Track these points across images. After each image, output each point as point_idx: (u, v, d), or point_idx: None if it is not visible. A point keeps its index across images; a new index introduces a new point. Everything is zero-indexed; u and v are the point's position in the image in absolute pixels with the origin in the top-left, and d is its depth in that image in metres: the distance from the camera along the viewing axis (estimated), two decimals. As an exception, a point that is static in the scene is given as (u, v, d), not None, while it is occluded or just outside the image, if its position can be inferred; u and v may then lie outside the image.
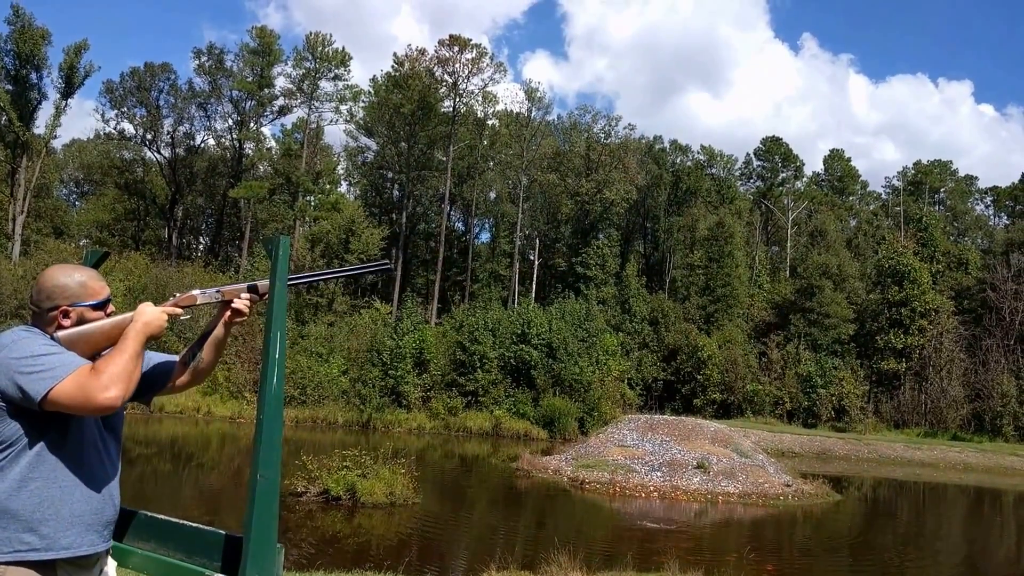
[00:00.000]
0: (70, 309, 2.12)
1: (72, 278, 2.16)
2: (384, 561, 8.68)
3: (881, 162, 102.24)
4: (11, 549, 1.91)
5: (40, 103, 42.43)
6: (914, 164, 68.24)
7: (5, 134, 41.44)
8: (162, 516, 2.39)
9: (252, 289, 2.39)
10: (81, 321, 2.14)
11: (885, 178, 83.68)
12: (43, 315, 2.13)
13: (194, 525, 2.29)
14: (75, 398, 1.89)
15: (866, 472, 33.07)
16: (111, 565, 2.23)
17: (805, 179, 66.07)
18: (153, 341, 2.14)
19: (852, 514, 21.67)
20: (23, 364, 1.91)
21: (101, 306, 2.18)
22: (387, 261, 2.47)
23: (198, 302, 2.35)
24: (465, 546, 13.19)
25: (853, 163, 69.29)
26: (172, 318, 2.24)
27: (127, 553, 2.31)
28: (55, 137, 44.58)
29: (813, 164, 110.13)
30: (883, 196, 69.71)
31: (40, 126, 42.75)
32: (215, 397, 30.74)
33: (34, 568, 1.93)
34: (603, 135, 54.95)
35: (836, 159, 68.34)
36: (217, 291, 2.35)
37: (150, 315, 2.15)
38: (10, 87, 40.80)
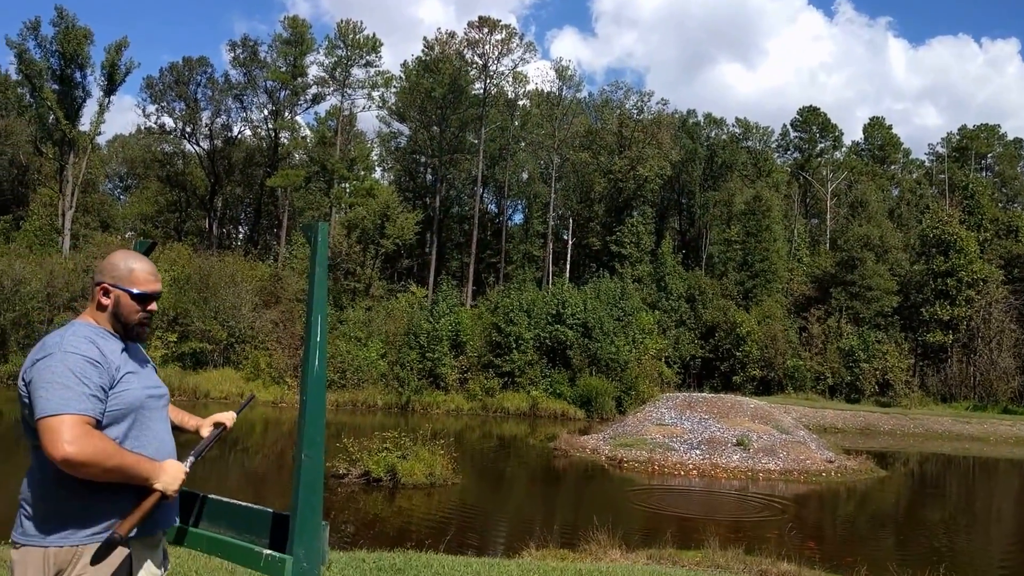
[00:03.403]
0: (110, 288, 2.18)
1: (125, 262, 2.22)
2: (425, 540, 8.86)
3: (923, 128, 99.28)
4: (91, 532, 2.04)
5: (84, 101, 43.55)
6: (959, 129, 66.00)
7: (53, 132, 42.63)
8: (212, 496, 2.50)
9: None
10: (117, 304, 2.17)
11: (928, 145, 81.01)
12: (92, 288, 2.22)
13: (243, 504, 2.39)
14: (55, 433, 1.93)
15: (912, 447, 32.48)
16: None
17: (844, 149, 64.37)
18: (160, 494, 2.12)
19: (898, 490, 21.34)
20: (51, 375, 2.00)
21: (141, 299, 2.20)
22: (252, 394, 2.59)
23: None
24: (504, 525, 13.36)
25: (894, 130, 67.30)
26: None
27: (179, 532, 2.42)
28: (99, 133, 45.86)
29: (852, 133, 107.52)
30: (927, 163, 67.65)
31: (85, 123, 43.93)
32: (257, 383, 31.43)
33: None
34: (635, 111, 54.24)
35: (876, 127, 66.41)
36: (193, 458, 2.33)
37: (172, 468, 2.14)
38: (56, 86, 41.90)
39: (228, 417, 2.53)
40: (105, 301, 2.18)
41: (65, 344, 2.05)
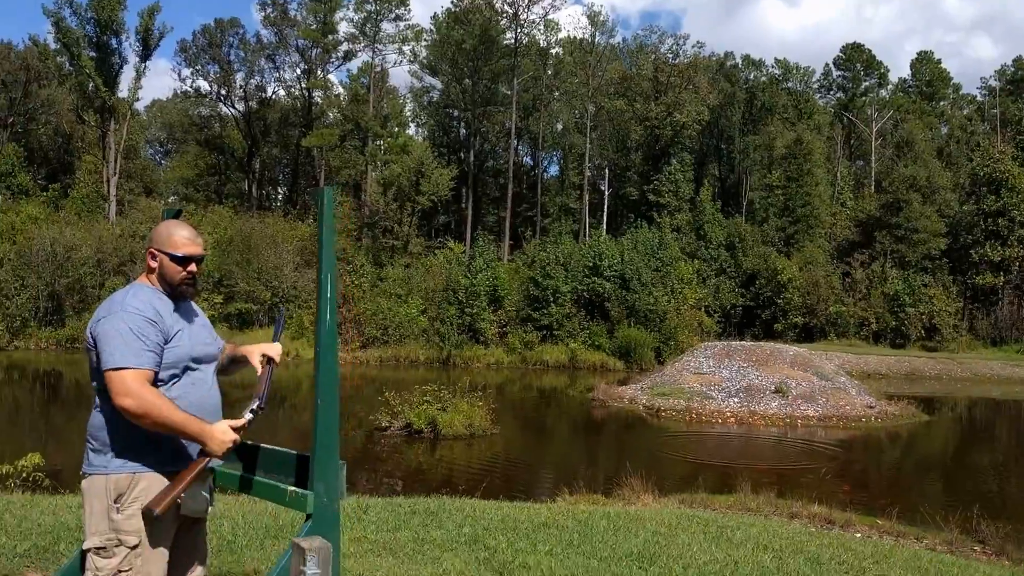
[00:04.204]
0: (156, 252, 2.45)
1: (167, 228, 2.49)
2: (460, 486, 9.21)
3: (976, 61, 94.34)
4: (145, 463, 2.33)
5: (121, 67, 44.16)
6: (1014, 60, 62.67)
7: (93, 100, 43.47)
8: (243, 440, 2.71)
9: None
10: (162, 266, 2.44)
11: (981, 79, 77.09)
12: (145, 253, 2.53)
13: (270, 447, 2.61)
14: (118, 385, 2.23)
15: (959, 392, 32.00)
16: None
17: (890, 87, 61.91)
18: (209, 456, 2.32)
19: (945, 435, 21.16)
20: (113, 332, 2.28)
21: (182, 261, 2.44)
22: (281, 312, 2.71)
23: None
24: (541, 473, 13.72)
25: (944, 65, 64.27)
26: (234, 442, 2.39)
27: (216, 473, 2.64)
28: (138, 99, 46.51)
29: (899, 70, 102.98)
30: (979, 98, 64.68)
31: (123, 90, 44.60)
32: (302, 341, 32.26)
33: (158, 476, 2.35)
34: (671, 55, 52.90)
35: (924, 62, 63.52)
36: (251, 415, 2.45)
37: (220, 432, 2.33)
38: (93, 54, 42.52)
39: (275, 351, 2.63)
40: (152, 264, 2.45)
41: (126, 304, 2.34)
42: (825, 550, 5.57)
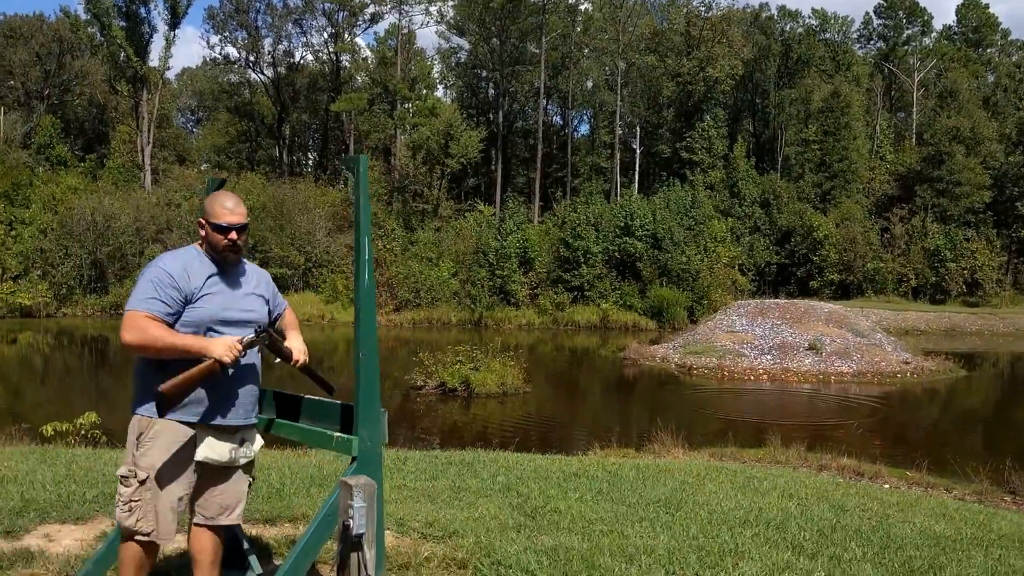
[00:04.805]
0: (203, 222, 2.70)
1: (212, 199, 2.72)
2: (494, 441, 9.49)
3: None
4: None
5: (151, 36, 44.47)
6: (1069, 3, 59.87)
7: (125, 70, 44.00)
8: (292, 393, 2.93)
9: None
10: (207, 234, 2.66)
11: (1033, 23, 73.73)
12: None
13: (317, 398, 2.82)
14: (123, 324, 2.52)
15: (1001, 347, 31.50)
16: (257, 441, 2.78)
17: (934, 35, 59.63)
18: (212, 367, 2.49)
19: (985, 390, 20.97)
20: (138, 281, 2.61)
21: (221, 229, 2.65)
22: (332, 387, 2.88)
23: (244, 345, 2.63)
24: (573, 429, 13.99)
25: (992, 10, 61.54)
26: (241, 353, 2.56)
27: (268, 423, 2.87)
28: (168, 68, 46.87)
29: (944, 17, 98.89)
30: (1029, 44, 61.99)
31: (154, 59, 44.99)
32: (337, 304, 32.88)
33: (170, 423, 2.55)
34: (703, 8, 51.55)
35: (971, 7, 60.87)
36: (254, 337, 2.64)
37: (220, 343, 2.51)
38: (123, 23, 42.90)
39: (298, 356, 2.80)
40: (201, 232, 2.69)
41: (159, 260, 2.63)
42: (851, 498, 5.70)
